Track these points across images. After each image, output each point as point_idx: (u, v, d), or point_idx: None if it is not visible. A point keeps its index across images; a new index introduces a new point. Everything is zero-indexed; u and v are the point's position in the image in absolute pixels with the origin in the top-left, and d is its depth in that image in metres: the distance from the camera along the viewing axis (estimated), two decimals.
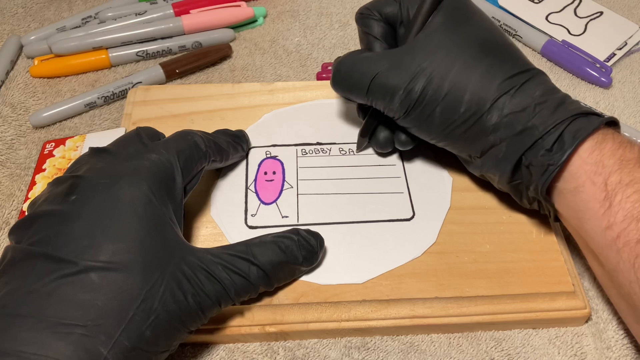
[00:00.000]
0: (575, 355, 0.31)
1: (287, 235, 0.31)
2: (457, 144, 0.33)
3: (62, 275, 0.24)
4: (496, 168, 0.32)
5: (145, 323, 0.25)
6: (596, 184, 0.28)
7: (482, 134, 0.31)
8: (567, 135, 0.29)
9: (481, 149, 0.32)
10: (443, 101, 0.31)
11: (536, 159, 0.30)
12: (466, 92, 0.31)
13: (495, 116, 0.31)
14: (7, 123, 0.43)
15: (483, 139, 0.31)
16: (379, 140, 0.37)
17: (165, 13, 0.49)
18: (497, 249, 0.34)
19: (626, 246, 0.27)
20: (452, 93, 0.31)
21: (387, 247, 0.34)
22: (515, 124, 0.30)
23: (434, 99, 0.31)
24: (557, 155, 0.29)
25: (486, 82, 0.31)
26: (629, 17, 0.51)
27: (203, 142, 0.33)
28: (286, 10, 0.53)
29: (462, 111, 0.31)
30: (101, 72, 0.47)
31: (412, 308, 0.31)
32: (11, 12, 0.52)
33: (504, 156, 0.31)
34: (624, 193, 0.27)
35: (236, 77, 0.47)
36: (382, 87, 0.32)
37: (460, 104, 0.31)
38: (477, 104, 0.31)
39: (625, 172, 0.28)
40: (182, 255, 0.27)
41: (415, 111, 0.32)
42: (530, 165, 0.30)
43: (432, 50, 0.32)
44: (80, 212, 0.26)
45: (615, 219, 0.27)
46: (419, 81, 0.31)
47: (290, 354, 0.31)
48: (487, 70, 0.31)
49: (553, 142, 0.29)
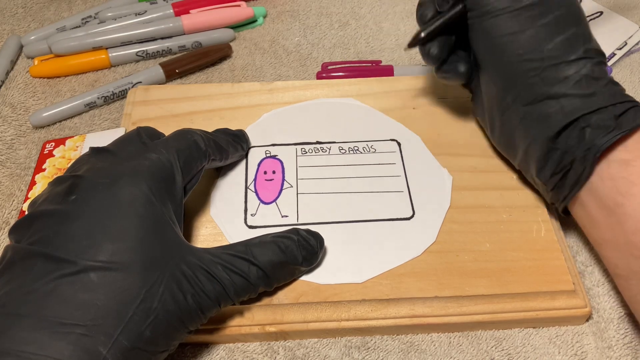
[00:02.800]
0: (575, 354, 0.31)
1: (286, 235, 0.31)
2: (519, 79, 0.32)
3: (62, 275, 0.24)
4: (542, 121, 0.32)
5: (145, 323, 0.25)
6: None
7: (551, 79, 0.31)
8: (632, 113, 0.30)
9: (538, 96, 0.32)
10: (541, 24, 0.31)
11: (601, 121, 0.30)
12: (560, 35, 0.31)
13: (572, 70, 0.31)
14: (7, 123, 0.43)
15: (547, 85, 0.31)
16: (432, 51, 0.35)
17: (165, 13, 0.49)
18: (497, 248, 0.34)
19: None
20: (556, 20, 0.31)
21: (386, 246, 0.34)
22: (586, 85, 0.30)
23: (539, 16, 0.31)
24: (625, 123, 0.29)
25: (578, 41, 0.31)
26: (629, 17, 0.51)
27: (203, 141, 0.33)
28: (286, 10, 0.53)
29: (550, 47, 0.31)
30: (101, 72, 0.47)
31: (412, 307, 0.31)
32: (11, 12, 0.52)
33: (559, 111, 0.31)
34: None
35: (236, 77, 0.47)
36: None
37: (552, 40, 0.31)
38: (565, 50, 0.31)
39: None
40: (181, 255, 0.27)
41: (525, 5, 0.31)
42: (589, 127, 0.30)
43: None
44: (80, 212, 0.26)
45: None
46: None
47: (290, 353, 0.31)
48: (582, 34, 0.32)
49: (621, 112, 0.30)
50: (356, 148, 0.39)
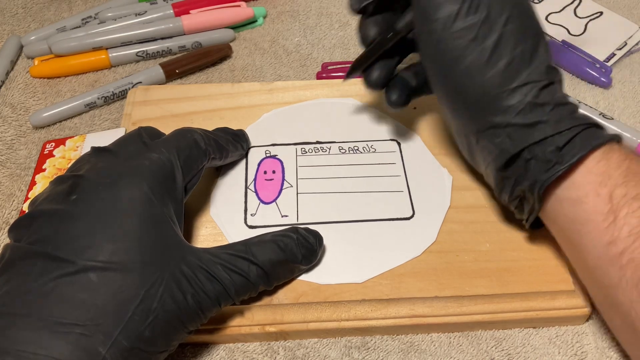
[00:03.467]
0: (575, 354, 0.31)
1: (286, 233, 0.31)
2: (462, 106, 0.31)
3: (61, 275, 0.24)
4: (490, 151, 0.30)
5: (144, 323, 0.25)
6: (600, 196, 0.27)
7: (493, 108, 0.29)
8: (578, 141, 0.28)
9: (482, 126, 0.30)
10: (482, 48, 0.29)
11: (543, 155, 0.28)
12: (503, 59, 0.29)
13: (515, 99, 0.29)
14: (7, 123, 0.43)
15: (490, 115, 0.30)
16: (372, 75, 0.34)
17: (165, 13, 0.49)
18: (497, 248, 0.34)
19: (631, 263, 0.26)
20: (496, 48, 0.29)
21: (386, 246, 0.34)
22: (530, 114, 0.29)
23: (479, 38, 0.29)
24: (567, 156, 0.28)
25: (523, 63, 0.29)
26: (629, 17, 0.51)
27: (203, 140, 0.33)
28: (286, 10, 0.53)
29: (491, 74, 0.29)
30: (101, 72, 0.47)
31: (412, 307, 0.31)
32: (11, 12, 0.52)
33: (505, 142, 0.29)
34: (630, 207, 0.26)
35: (236, 77, 0.47)
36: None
37: (495, 64, 0.29)
38: (507, 77, 0.29)
39: (631, 186, 0.27)
40: (181, 255, 0.27)
41: (466, 26, 0.29)
42: (533, 159, 0.29)
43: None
44: (80, 212, 0.26)
45: (619, 234, 0.26)
46: (479, 3, 0.29)
47: (290, 353, 0.31)
48: (529, 51, 0.29)
49: (565, 142, 0.28)
50: (356, 148, 0.39)
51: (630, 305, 0.26)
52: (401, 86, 0.35)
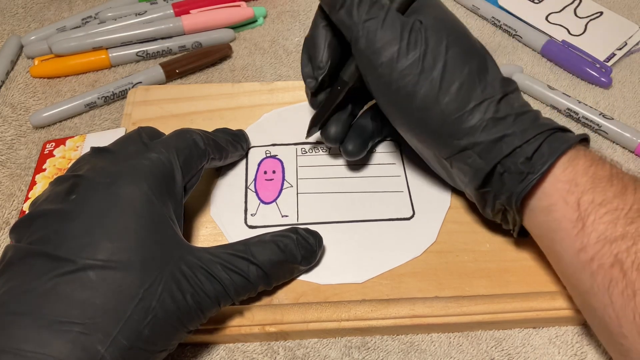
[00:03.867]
0: (575, 354, 0.31)
1: (285, 234, 0.31)
2: (428, 137, 0.31)
3: (61, 274, 0.24)
4: (466, 173, 0.31)
5: (143, 322, 0.25)
6: (569, 204, 0.28)
7: (458, 132, 0.30)
8: (545, 148, 0.29)
9: (452, 151, 0.30)
10: (431, 79, 0.29)
11: (515, 166, 0.29)
12: (454, 83, 0.29)
13: (476, 118, 0.29)
14: (7, 123, 0.43)
15: (456, 139, 0.30)
16: (330, 132, 0.35)
17: (165, 13, 0.49)
18: (497, 248, 0.34)
19: (600, 269, 0.26)
20: (444, 74, 0.29)
21: (387, 246, 0.34)
22: (494, 129, 0.29)
23: (426, 70, 0.29)
24: (537, 165, 0.28)
25: (474, 82, 0.30)
26: (629, 17, 0.51)
27: (202, 140, 0.33)
28: (286, 10, 0.53)
29: (446, 101, 0.29)
30: (101, 72, 0.47)
31: (412, 307, 0.31)
32: (11, 12, 0.52)
33: (476, 161, 0.30)
34: (597, 213, 0.27)
35: (236, 77, 0.47)
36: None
37: (447, 91, 0.29)
38: (462, 100, 0.29)
39: (597, 191, 0.27)
40: (181, 255, 0.27)
41: (410, 63, 0.29)
42: (506, 172, 0.29)
43: (431, 18, 0.30)
44: (79, 211, 0.26)
45: (588, 241, 0.27)
46: (417, 38, 0.29)
47: (290, 353, 0.31)
48: (477, 70, 0.30)
49: (533, 151, 0.28)
50: None
51: (604, 310, 0.26)
52: (356, 136, 0.36)
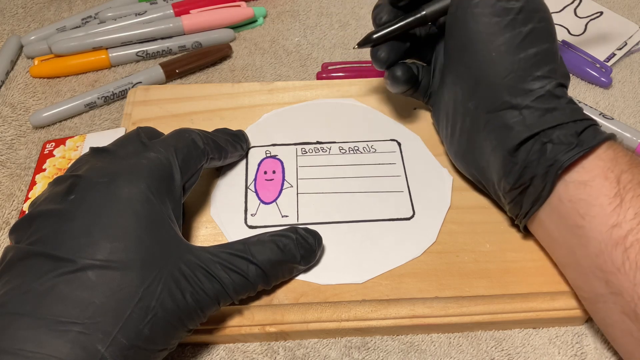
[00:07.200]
0: (575, 355, 0.31)
1: (285, 233, 0.31)
2: (485, 82, 0.32)
3: (60, 274, 0.24)
4: (502, 133, 0.31)
5: (143, 321, 0.25)
6: (608, 179, 0.28)
7: (515, 89, 0.31)
8: (591, 131, 0.30)
9: (501, 105, 0.31)
10: (519, 32, 0.31)
11: (564, 137, 0.29)
12: (533, 48, 0.31)
13: (537, 85, 0.30)
14: (7, 123, 0.43)
15: (511, 95, 0.31)
16: (380, 54, 0.36)
17: (165, 13, 0.49)
18: (497, 249, 0.34)
19: (635, 244, 0.26)
20: (529, 36, 0.31)
21: (387, 246, 0.34)
22: (548, 101, 0.30)
23: (518, 23, 0.31)
24: (587, 140, 0.29)
25: (548, 58, 0.31)
26: (629, 17, 0.51)
27: (201, 140, 0.33)
28: (286, 10, 0.53)
29: (521, 57, 0.31)
30: (101, 72, 0.47)
31: (412, 308, 0.31)
32: (11, 12, 0.52)
33: (521, 122, 0.30)
34: (636, 191, 0.27)
35: (236, 77, 0.47)
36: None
37: (526, 50, 0.31)
38: (534, 65, 0.31)
39: (637, 172, 0.28)
40: (180, 254, 0.27)
41: (508, 7, 0.31)
42: (550, 143, 0.29)
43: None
44: (78, 211, 0.26)
45: (625, 217, 0.27)
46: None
47: (290, 353, 0.31)
48: (553, 51, 0.31)
49: (583, 129, 0.29)
50: (356, 148, 0.39)
51: (633, 290, 0.26)
52: (406, 67, 0.37)
